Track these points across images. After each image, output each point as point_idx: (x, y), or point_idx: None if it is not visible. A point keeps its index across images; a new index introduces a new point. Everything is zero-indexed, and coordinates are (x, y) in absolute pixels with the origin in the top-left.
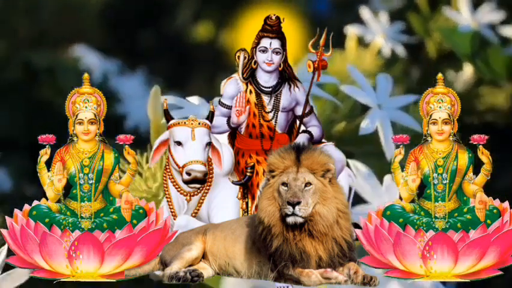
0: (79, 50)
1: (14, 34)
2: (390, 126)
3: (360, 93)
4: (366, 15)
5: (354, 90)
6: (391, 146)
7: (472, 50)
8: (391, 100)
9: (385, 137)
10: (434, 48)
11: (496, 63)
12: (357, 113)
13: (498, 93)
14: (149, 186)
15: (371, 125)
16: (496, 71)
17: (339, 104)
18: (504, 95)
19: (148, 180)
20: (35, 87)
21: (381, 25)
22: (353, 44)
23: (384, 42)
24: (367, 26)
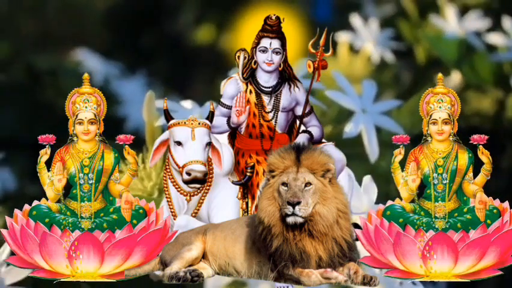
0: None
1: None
2: (374, 130)
3: (345, 98)
4: (356, 22)
5: (338, 95)
6: (374, 149)
7: (459, 57)
8: (375, 105)
9: (369, 141)
10: (423, 55)
11: (482, 69)
12: (344, 117)
13: (484, 98)
14: (145, 185)
15: (354, 129)
16: (482, 77)
17: (325, 109)
18: (489, 100)
19: (144, 180)
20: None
21: (371, 32)
22: (344, 50)
23: (373, 49)
24: (357, 32)
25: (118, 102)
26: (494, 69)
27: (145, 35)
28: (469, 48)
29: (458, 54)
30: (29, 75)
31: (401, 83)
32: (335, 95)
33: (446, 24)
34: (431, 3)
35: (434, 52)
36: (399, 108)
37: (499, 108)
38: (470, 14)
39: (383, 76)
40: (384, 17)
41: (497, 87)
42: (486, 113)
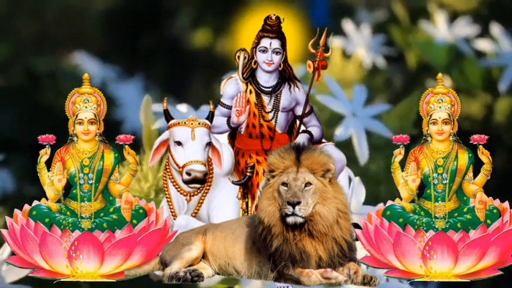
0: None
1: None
2: (364, 133)
3: (335, 102)
4: (348, 28)
5: (329, 100)
6: (364, 152)
7: (448, 62)
8: (365, 109)
9: (359, 144)
10: (414, 60)
11: (471, 74)
12: (335, 121)
13: (473, 103)
14: (141, 186)
15: (344, 132)
16: (471, 82)
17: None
18: (479, 105)
19: (140, 181)
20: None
21: (363, 37)
22: (337, 55)
23: (365, 54)
24: (349, 37)
25: (116, 105)
26: (483, 74)
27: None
28: (458, 54)
29: (448, 59)
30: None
31: (392, 88)
32: (326, 100)
33: (436, 30)
34: (421, 10)
35: (425, 58)
36: (389, 112)
37: (488, 112)
38: (459, 21)
39: (374, 81)
40: (376, 22)
41: (486, 92)
42: (475, 117)
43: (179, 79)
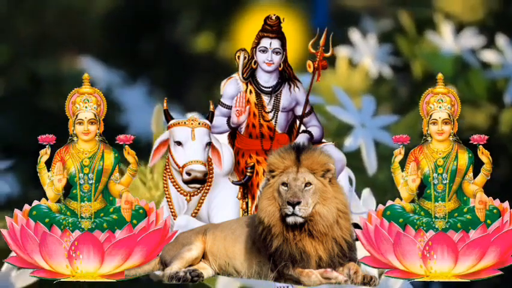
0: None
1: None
2: (373, 144)
3: (344, 113)
4: (355, 37)
5: (338, 110)
6: (373, 163)
7: (454, 73)
8: (374, 120)
9: (367, 154)
10: (420, 70)
11: (477, 85)
12: (343, 131)
13: (478, 114)
14: (152, 194)
15: (353, 143)
16: (477, 93)
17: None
18: (484, 115)
19: (151, 190)
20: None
21: (370, 46)
22: (343, 64)
23: (371, 63)
24: (355, 47)
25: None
26: (488, 85)
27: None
28: (464, 64)
29: (454, 70)
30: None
31: (398, 97)
32: (335, 110)
33: (442, 41)
34: (427, 20)
35: (430, 68)
36: (397, 123)
37: (493, 123)
38: (465, 32)
39: (380, 90)
40: (382, 32)
41: (491, 103)
42: (480, 128)
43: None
